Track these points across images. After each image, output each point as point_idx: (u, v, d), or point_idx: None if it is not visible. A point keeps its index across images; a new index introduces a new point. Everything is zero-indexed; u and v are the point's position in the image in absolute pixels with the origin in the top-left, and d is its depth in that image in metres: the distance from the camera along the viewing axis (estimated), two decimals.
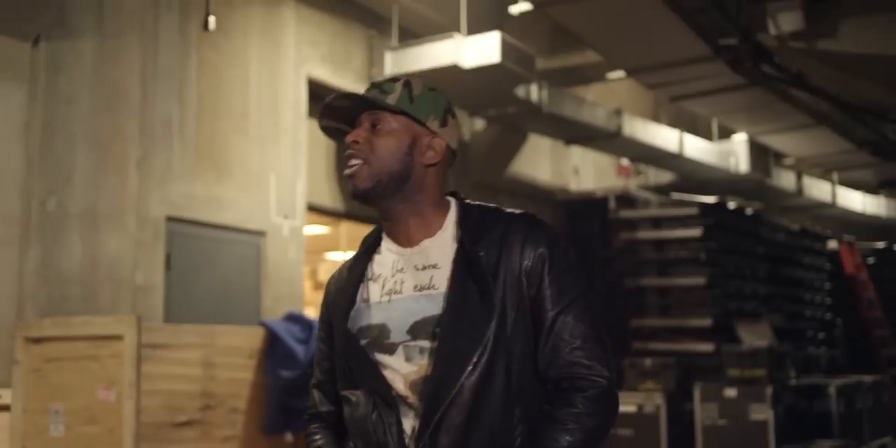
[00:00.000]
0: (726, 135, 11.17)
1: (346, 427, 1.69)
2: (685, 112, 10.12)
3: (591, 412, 1.59)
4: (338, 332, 1.69)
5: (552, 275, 1.64)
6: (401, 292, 1.66)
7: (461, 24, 7.16)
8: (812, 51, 7.39)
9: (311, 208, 6.92)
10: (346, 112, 1.71)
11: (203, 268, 5.89)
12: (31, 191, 4.96)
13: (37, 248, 4.95)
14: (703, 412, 6.71)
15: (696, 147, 10.48)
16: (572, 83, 9.24)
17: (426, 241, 1.69)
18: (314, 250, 8.83)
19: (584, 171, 10.93)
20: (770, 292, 9.11)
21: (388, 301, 1.66)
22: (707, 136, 11.30)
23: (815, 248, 10.29)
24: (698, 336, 8.16)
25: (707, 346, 7.99)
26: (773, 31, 7.32)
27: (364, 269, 1.72)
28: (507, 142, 9.08)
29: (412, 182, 1.68)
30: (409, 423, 1.60)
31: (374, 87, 1.70)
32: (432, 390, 1.57)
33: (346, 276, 1.74)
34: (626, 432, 6.90)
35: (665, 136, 9.90)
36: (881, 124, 9.69)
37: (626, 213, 8.81)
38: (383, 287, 1.68)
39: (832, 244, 10.81)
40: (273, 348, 4.33)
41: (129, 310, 5.35)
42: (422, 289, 1.65)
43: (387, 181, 1.66)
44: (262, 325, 4.47)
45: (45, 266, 4.98)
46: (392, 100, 1.66)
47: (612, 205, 8.89)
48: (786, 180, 12.19)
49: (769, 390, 6.55)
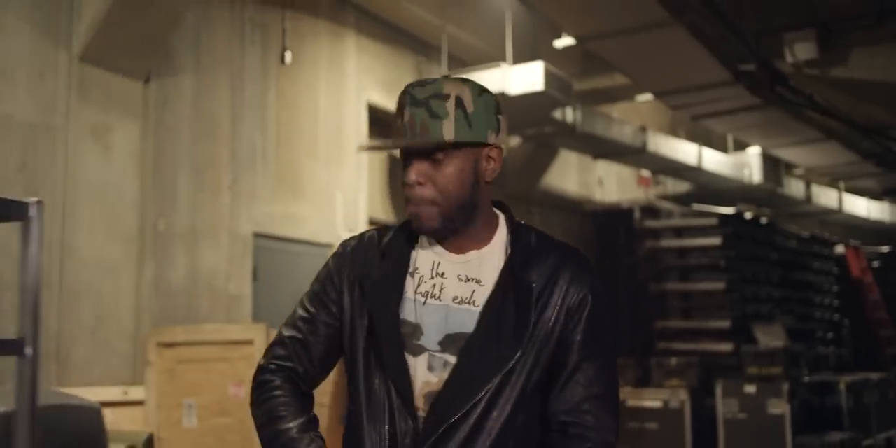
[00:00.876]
0: (741, 147, 11.72)
1: (353, 413, 1.64)
2: (701, 126, 10.75)
3: None
4: (383, 318, 1.60)
5: (589, 321, 1.60)
6: (439, 299, 1.60)
7: (507, 54, 7.82)
8: (825, 77, 7.97)
9: (371, 222, 7.58)
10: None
11: (283, 278, 6.57)
12: (145, 213, 5.64)
13: (150, 265, 5.63)
14: (724, 407, 7.04)
15: (713, 160, 11.09)
16: (601, 102, 9.89)
17: (474, 252, 1.63)
18: None
19: (608, 182, 11.52)
20: (783, 296, 9.56)
21: (424, 303, 1.61)
22: (721, 147, 11.85)
23: (823, 254, 10.72)
24: (718, 337, 8.64)
25: (726, 346, 8.45)
26: (789, 59, 7.86)
27: (408, 261, 1.65)
28: (539, 157, 9.73)
29: (478, 205, 1.62)
30: (410, 426, 1.57)
31: (421, 104, 1.55)
32: (441, 408, 1.55)
33: (386, 262, 1.65)
34: (652, 426, 7.28)
35: (685, 150, 10.54)
36: (885, 139, 10.32)
37: (651, 223, 9.41)
38: (419, 285, 1.62)
39: (839, 249, 11.21)
40: None
41: (223, 317, 6.03)
42: (461, 302, 1.59)
43: (455, 215, 1.59)
44: None
45: (157, 280, 5.66)
46: (449, 130, 1.54)
47: (637, 215, 9.49)
48: (795, 189, 12.72)
49: (785, 386, 6.88)
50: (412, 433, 1.55)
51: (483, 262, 1.62)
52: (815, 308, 10.29)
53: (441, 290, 1.60)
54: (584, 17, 6.71)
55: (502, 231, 1.66)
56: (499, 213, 1.69)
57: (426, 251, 1.65)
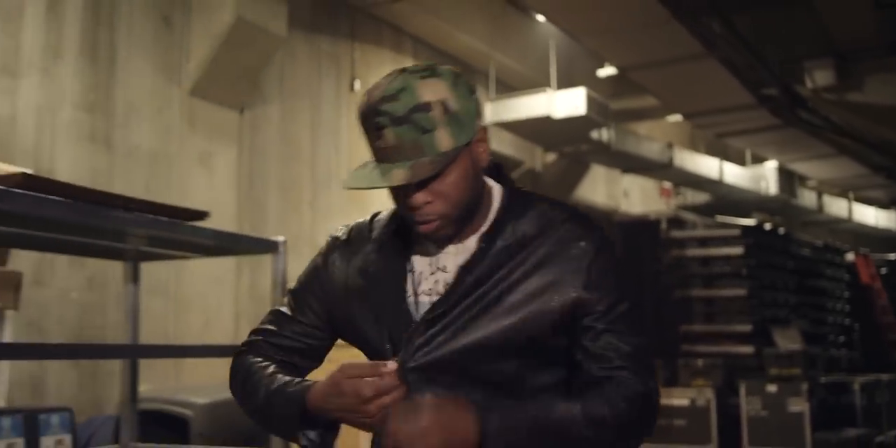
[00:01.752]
0: (758, 160, 12.31)
1: None
2: (720, 140, 11.37)
3: (630, 410, 1.39)
4: (387, 327, 1.49)
5: (593, 273, 1.45)
6: (440, 295, 1.48)
7: (551, 80, 8.49)
8: (841, 101, 8.65)
9: None
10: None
11: None
12: (242, 228, 6.31)
13: (247, 274, 6.32)
14: (748, 405, 7.39)
15: (732, 173, 11.68)
16: (631, 120, 10.55)
17: (473, 238, 1.51)
18: None
19: (632, 194, 12.07)
20: (799, 301, 9.95)
21: (427, 303, 1.49)
22: (737, 159, 12.41)
23: (835, 261, 11.09)
24: (739, 340, 9.02)
25: (747, 349, 8.85)
26: (808, 84, 8.54)
27: (403, 259, 1.55)
28: (572, 171, 10.40)
29: (480, 194, 1.50)
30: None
31: (403, 121, 1.37)
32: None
33: (380, 263, 1.56)
34: (680, 422, 7.66)
35: (708, 165, 11.17)
36: (895, 155, 10.97)
37: (676, 233, 9.88)
38: (419, 284, 1.52)
39: (850, 257, 11.55)
40: None
41: None
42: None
43: (465, 215, 1.47)
44: None
45: (252, 288, 6.34)
46: (442, 140, 1.37)
47: (663, 226, 10.08)
48: (808, 199, 13.26)
49: (805, 386, 7.24)
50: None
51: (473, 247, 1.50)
52: (827, 313, 10.68)
53: (444, 285, 1.48)
54: (628, 51, 7.38)
55: (497, 206, 1.53)
56: (493, 184, 1.56)
57: (422, 246, 1.54)
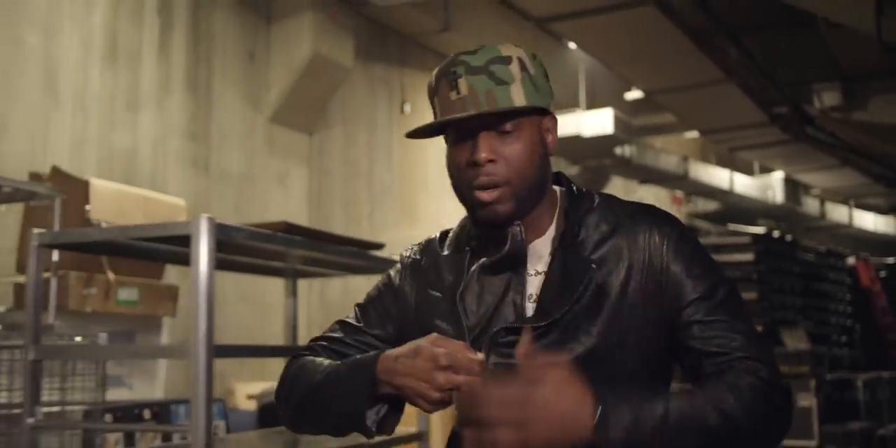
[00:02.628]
0: (765, 171, 13.04)
1: None
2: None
3: (757, 405, 1.22)
4: (483, 319, 1.40)
5: (680, 257, 1.35)
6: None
7: (580, 100, 9.20)
8: (847, 120, 9.34)
9: None
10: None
11: None
12: None
13: (317, 283, 7.00)
14: None
15: (742, 183, 12.42)
16: (649, 134, 11.26)
17: (533, 244, 1.42)
18: None
19: (646, 202, 12.80)
20: (804, 303, 10.43)
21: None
22: (745, 170, 13.13)
23: (837, 266, 11.52)
24: None
25: None
26: (817, 104, 9.21)
27: (463, 273, 1.46)
28: (593, 182, 11.10)
29: (546, 184, 1.41)
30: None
31: (480, 71, 1.32)
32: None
33: (442, 282, 1.48)
34: None
35: (720, 176, 11.90)
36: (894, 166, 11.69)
37: None
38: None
39: (850, 261, 11.91)
40: None
41: None
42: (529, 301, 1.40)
43: (527, 197, 1.36)
44: None
45: (321, 296, 7.04)
46: (519, 95, 1.32)
47: None
48: (811, 206, 13.98)
49: (813, 383, 7.71)
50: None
51: (545, 251, 1.41)
52: (830, 314, 11.16)
53: (535, 289, 1.38)
54: (655, 77, 8.09)
55: (563, 205, 1.44)
56: (556, 189, 1.47)
57: (488, 252, 1.42)
